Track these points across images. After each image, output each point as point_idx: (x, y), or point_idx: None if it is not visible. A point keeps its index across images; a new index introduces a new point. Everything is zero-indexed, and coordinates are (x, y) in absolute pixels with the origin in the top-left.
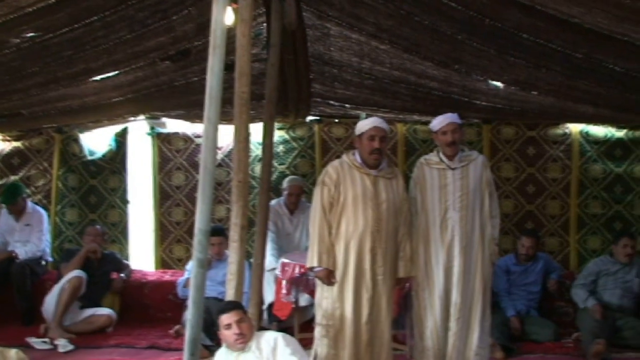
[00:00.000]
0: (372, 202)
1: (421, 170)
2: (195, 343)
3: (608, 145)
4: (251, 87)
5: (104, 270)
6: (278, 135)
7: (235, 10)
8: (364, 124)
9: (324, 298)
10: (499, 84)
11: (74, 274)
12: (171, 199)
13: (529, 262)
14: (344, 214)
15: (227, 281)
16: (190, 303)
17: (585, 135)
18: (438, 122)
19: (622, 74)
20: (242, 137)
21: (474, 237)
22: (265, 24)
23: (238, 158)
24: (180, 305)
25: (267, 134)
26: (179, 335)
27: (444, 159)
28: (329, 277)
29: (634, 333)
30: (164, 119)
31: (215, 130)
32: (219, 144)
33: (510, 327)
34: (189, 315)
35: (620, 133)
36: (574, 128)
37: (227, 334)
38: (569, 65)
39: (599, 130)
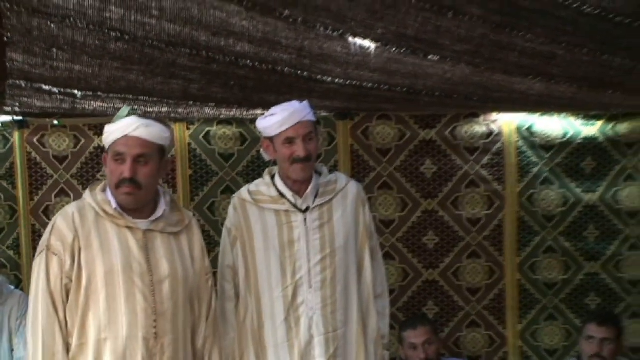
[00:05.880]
0: (143, 282)
1: (243, 215)
2: None
3: (570, 153)
4: None
5: None
6: None
7: None
8: (109, 131)
9: None
10: (367, 42)
11: None
12: None
13: None
14: (91, 307)
15: None
16: None
17: (527, 133)
18: (277, 121)
19: (599, 18)
20: None
21: (350, 337)
22: None
23: None
24: None
25: None
26: None
27: (286, 191)
28: None
29: None
30: None
31: None
32: None
33: None
34: None
35: (591, 129)
36: (507, 121)
37: None
38: (498, 3)
39: (551, 125)
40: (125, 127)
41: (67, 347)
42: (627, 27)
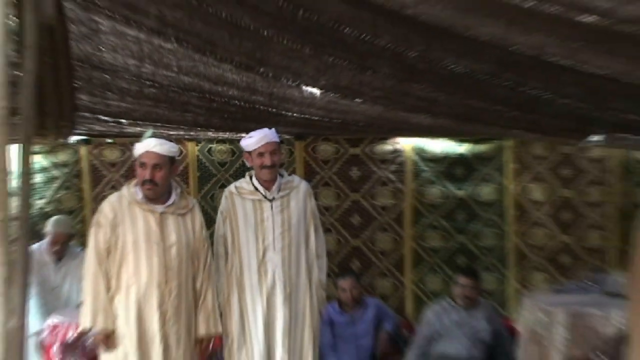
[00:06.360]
0: (158, 247)
1: (231, 202)
2: None
3: (448, 164)
4: None
5: None
6: (35, 161)
7: None
8: (137, 147)
9: None
10: (315, 90)
11: None
12: None
13: (356, 310)
14: (124, 262)
15: None
16: None
17: (421, 152)
18: (254, 141)
19: (464, 76)
20: (1, 165)
21: (300, 283)
22: (17, 19)
23: None
24: None
25: (25, 160)
26: None
27: (259, 187)
28: (107, 341)
29: None
30: None
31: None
32: None
33: None
34: None
35: (461, 148)
36: (407, 143)
37: None
38: (400, 66)
39: (436, 145)
40: (147, 145)
41: (108, 289)
42: (484, 81)
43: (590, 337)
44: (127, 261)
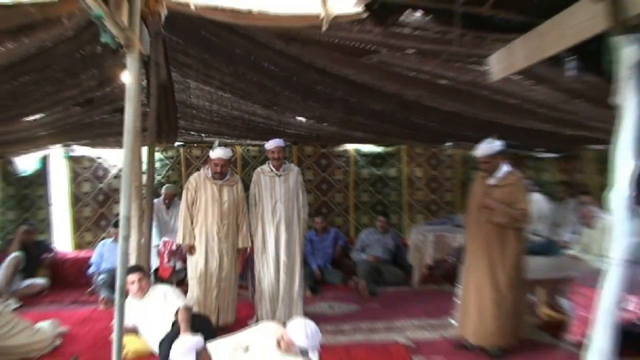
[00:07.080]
0: (217, 203)
1: (258, 176)
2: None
3: (372, 157)
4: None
5: (38, 253)
6: (155, 155)
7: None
8: (212, 153)
9: (190, 262)
10: (302, 119)
11: (13, 254)
12: (81, 201)
13: (324, 234)
14: (200, 210)
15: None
16: (118, 264)
17: (358, 151)
18: (269, 145)
19: (380, 112)
20: (137, 157)
21: (294, 220)
22: (146, 80)
23: (135, 171)
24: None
25: (150, 154)
26: (92, 294)
27: (273, 169)
28: (190, 250)
29: (391, 276)
30: (75, 146)
31: (132, 153)
32: (115, 163)
33: (314, 276)
34: (118, 272)
35: (379, 149)
36: (351, 147)
37: (132, 288)
38: (347, 106)
39: (366, 148)
40: (218, 153)
41: (191, 223)
42: (391, 115)
43: (446, 247)
44: (201, 210)
